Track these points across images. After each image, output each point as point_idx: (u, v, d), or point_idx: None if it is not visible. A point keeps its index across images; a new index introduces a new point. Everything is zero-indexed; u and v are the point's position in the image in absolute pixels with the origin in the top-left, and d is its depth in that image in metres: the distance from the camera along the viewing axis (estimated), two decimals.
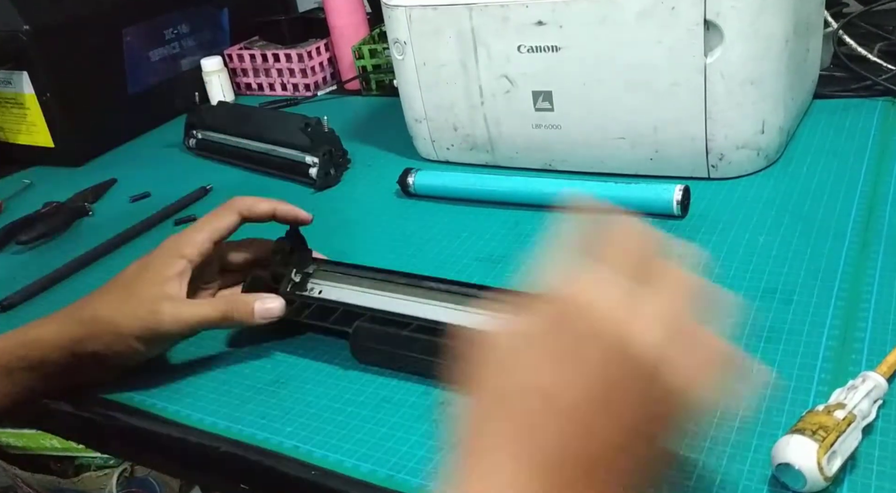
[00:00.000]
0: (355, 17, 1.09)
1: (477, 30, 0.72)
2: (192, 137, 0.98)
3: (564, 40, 0.68)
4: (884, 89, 0.78)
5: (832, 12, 0.87)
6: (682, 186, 0.64)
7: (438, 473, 0.40)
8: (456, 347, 0.32)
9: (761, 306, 0.53)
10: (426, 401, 0.50)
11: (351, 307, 0.55)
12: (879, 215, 0.60)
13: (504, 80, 0.73)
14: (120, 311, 0.52)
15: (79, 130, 1.00)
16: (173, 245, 0.55)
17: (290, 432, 0.49)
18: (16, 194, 0.96)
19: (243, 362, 0.56)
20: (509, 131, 0.76)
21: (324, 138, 0.82)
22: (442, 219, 0.72)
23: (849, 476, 0.39)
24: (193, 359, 0.58)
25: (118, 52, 1.03)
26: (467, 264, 0.63)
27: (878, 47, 0.86)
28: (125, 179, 0.94)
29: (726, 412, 0.42)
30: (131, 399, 0.54)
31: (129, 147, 1.06)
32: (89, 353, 0.52)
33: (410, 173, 0.76)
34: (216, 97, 1.10)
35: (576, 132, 0.72)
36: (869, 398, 0.41)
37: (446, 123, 0.79)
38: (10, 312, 0.69)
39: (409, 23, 0.76)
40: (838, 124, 0.76)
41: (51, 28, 0.94)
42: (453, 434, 0.31)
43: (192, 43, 1.15)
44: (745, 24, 0.63)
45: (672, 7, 0.63)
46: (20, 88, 0.97)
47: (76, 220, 0.85)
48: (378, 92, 1.08)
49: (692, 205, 0.66)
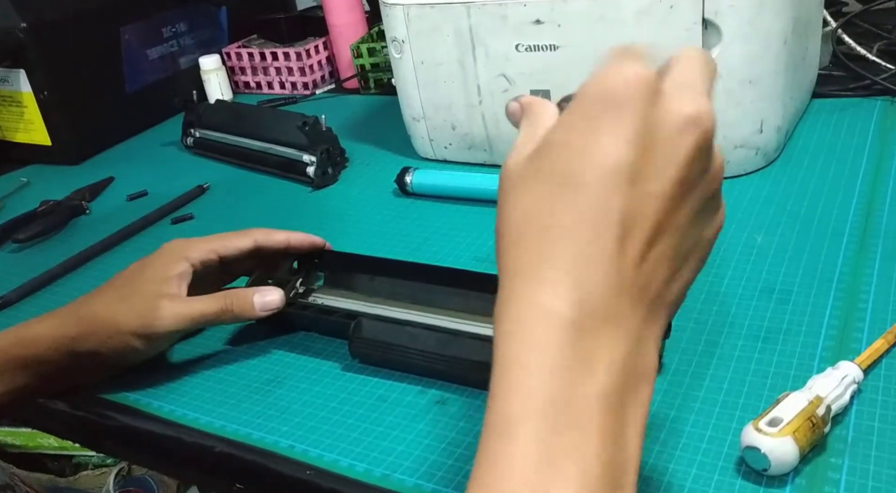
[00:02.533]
0: (354, 15, 1.09)
1: (475, 28, 0.72)
2: (189, 135, 0.98)
3: (562, 39, 0.68)
4: (882, 89, 0.78)
5: (831, 11, 0.87)
6: None
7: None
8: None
9: (759, 305, 0.52)
10: (422, 400, 0.49)
11: (351, 312, 0.55)
12: (878, 215, 0.60)
13: (502, 79, 0.73)
14: (118, 308, 0.51)
15: (76, 129, 1.00)
16: (177, 247, 0.55)
17: (286, 431, 0.49)
18: (13, 193, 0.96)
19: (239, 362, 0.56)
20: (507, 130, 0.76)
21: (322, 137, 0.82)
22: (440, 218, 0.72)
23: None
24: (189, 358, 0.57)
25: (116, 51, 1.03)
26: (465, 263, 0.63)
27: (876, 47, 0.86)
28: (122, 178, 0.94)
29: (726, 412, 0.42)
30: (127, 398, 0.54)
31: (127, 145, 1.06)
32: (86, 351, 0.51)
33: (408, 172, 0.76)
34: (214, 95, 1.10)
35: None
36: (842, 385, 0.42)
37: (444, 121, 0.79)
38: (7, 310, 0.69)
39: (408, 21, 0.76)
40: (837, 124, 0.76)
41: (48, 26, 0.94)
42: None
43: (190, 41, 1.14)
44: (744, 23, 0.62)
45: (670, 6, 0.63)
46: (17, 86, 0.97)
47: (73, 218, 0.85)
48: (376, 91, 1.08)
49: None
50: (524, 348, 0.27)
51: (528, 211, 0.29)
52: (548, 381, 0.26)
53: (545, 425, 0.26)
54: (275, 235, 0.58)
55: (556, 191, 0.29)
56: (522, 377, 0.27)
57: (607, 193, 0.28)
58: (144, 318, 0.51)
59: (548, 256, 0.28)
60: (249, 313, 0.53)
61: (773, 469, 0.39)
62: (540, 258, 0.28)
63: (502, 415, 0.27)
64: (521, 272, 0.29)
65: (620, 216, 0.28)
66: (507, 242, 0.30)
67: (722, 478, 0.40)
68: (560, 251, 0.28)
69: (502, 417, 0.27)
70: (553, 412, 0.26)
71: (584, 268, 0.27)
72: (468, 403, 0.49)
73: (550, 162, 0.30)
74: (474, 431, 0.46)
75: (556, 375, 0.26)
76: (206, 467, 0.50)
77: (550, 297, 0.27)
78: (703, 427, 0.44)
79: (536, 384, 0.26)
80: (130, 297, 0.52)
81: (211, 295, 0.53)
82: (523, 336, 0.27)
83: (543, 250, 0.28)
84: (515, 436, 0.26)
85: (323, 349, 0.56)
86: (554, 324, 0.27)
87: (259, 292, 0.53)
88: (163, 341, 0.54)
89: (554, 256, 0.28)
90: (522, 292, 0.28)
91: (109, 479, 1.21)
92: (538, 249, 0.28)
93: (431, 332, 0.51)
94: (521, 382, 0.27)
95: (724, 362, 0.48)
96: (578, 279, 0.27)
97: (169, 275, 0.53)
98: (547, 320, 0.27)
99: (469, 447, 0.45)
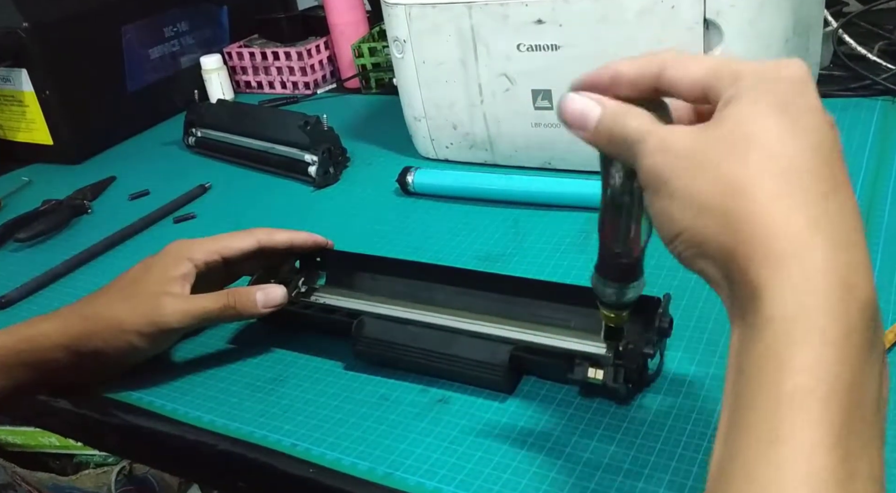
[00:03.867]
0: (355, 15, 1.09)
1: (476, 28, 0.72)
2: (191, 134, 0.98)
3: (564, 39, 0.68)
4: (883, 89, 0.78)
5: (832, 11, 0.87)
6: None
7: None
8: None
9: None
10: (424, 399, 0.50)
11: (353, 311, 0.55)
12: (878, 214, 0.60)
13: (503, 79, 0.73)
14: (122, 307, 0.52)
15: (78, 128, 1.00)
16: (181, 248, 0.55)
17: (289, 429, 0.49)
18: (15, 192, 0.96)
19: (242, 360, 0.56)
20: (509, 130, 0.76)
21: (323, 137, 0.82)
22: (441, 217, 0.72)
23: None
24: (192, 357, 0.58)
25: (118, 50, 1.03)
26: (466, 263, 0.63)
27: (877, 47, 0.86)
28: (124, 177, 0.94)
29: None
30: (130, 397, 0.54)
31: (129, 145, 1.06)
32: (90, 350, 0.52)
33: (409, 172, 0.76)
34: (215, 95, 1.10)
35: None
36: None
37: (446, 121, 0.79)
38: (9, 309, 0.69)
39: (409, 21, 0.76)
40: (838, 123, 0.75)
41: (50, 25, 0.94)
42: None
43: (191, 41, 1.14)
44: (745, 22, 0.63)
45: (672, 6, 0.63)
46: (19, 85, 0.97)
47: (75, 217, 0.85)
48: (377, 90, 1.08)
49: None
50: (803, 350, 0.26)
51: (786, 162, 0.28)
52: (836, 382, 0.26)
53: (843, 436, 0.25)
54: (277, 234, 0.58)
55: (803, 153, 0.29)
56: (800, 377, 0.26)
57: (829, 146, 0.29)
58: (148, 316, 0.51)
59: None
60: (252, 310, 0.53)
61: None
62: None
63: (767, 404, 0.26)
64: (777, 260, 0.27)
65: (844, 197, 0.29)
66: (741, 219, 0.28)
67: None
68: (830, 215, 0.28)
69: (768, 408, 0.26)
70: (850, 420, 0.25)
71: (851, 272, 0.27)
72: (470, 401, 0.49)
73: (762, 139, 0.29)
74: (476, 430, 0.47)
75: (847, 373, 0.26)
76: (208, 465, 0.51)
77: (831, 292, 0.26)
78: (706, 426, 0.44)
79: (825, 390, 0.25)
80: (134, 296, 0.52)
81: (214, 293, 0.53)
82: (802, 338, 0.26)
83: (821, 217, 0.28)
84: (809, 436, 0.25)
85: (325, 348, 0.56)
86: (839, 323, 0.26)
87: (262, 290, 0.54)
88: (166, 340, 0.54)
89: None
90: (788, 292, 0.27)
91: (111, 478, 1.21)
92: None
93: (433, 331, 0.51)
94: (795, 378, 0.26)
95: (726, 362, 0.48)
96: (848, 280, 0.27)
97: (173, 275, 0.53)
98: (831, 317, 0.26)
99: (470, 445, 0.45)
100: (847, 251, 0.27)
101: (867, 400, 0.26)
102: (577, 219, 0.67)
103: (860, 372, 0.26)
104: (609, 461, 0.43)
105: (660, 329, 0.46)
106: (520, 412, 0.47)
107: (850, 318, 0.26)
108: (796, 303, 0.26)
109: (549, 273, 0.60)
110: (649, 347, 0.45)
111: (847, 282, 0.27)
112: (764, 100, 0.30)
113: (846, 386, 0.25)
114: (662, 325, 0.47)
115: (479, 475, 0.43)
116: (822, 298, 0.26)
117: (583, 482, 0.42)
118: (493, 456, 0.44)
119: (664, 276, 0.57)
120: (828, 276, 0.27)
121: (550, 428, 0.46)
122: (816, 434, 0.25)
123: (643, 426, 0.45)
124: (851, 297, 0.26)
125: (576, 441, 0.44)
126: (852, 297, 0.26)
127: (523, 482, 0.42)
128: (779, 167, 0.28)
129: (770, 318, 0.27)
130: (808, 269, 0.27)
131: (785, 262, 0.27)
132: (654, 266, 0.58)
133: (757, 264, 0.27)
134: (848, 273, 0.27)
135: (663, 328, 0.47)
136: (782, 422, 0.25)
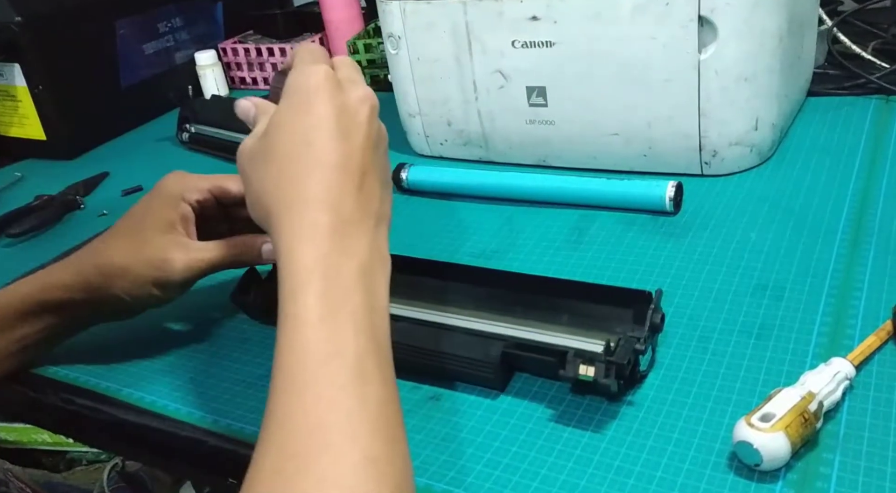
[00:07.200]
0: (350, 11, 1.09)
1: (471, 24, 0.72)
2: (185, 130, 0.98)
3: (559, 36, 0.68)
4: (877, 87, 0.78)
5: (826, 10, 0.87)
6: (674, 182, 0.64)
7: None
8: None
9: (752, 302, 0.53)
10: (415, 396, 0.50)
11: None
12: (871, 213, 0.60)
13: (498, 76, 0.73)
14: (134, 259, 0.52)
15: (71, 123, 1.00)
16: (174, 186, 0.55)
17: None
18: (7, 187, 0.95)
19: (232, 357, 0.56)
20: (503, 127, 0.76)
21: None
22: (435, 214, 0.72)
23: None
24: (183, 353, 0.57)
25: (111, 45, 1.03)
26: (460, 259, 0.63)
27: (872, 45, 0.86)
28: (117, 173, 0.94)
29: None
30: (120, 393, 0.54)
31: (122, 140, 1.05)
32: (108, 297, 0.53)
33: (404, 168, 0.76)
34: (210, 91, 1.10)
35: (569, 128, 0.72)
36: (834, 381, 0.42)
37: (440, 118, 0.79)
38: None
39: (404, 17, 0.76)
40: (832, 122, 0.76)
41: (43, 20, 0.94)
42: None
43: (185, 36, 1.14)
44: (740, 20, 0.63)
45: (666, 3, 0.63)
46: (12, 80, 0.96)
47: (67, 213, 0.85)
48: (372, 87, 1.07)
49: (685, 201, 0.66)
50: (304, 247, 0.38)
51: (282, 168, 0.41)
52: (321, 261, 0.38)
53: (324, 285, 0.37)
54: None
55: (296, 151, 0.41)
56: (304, 262, 0.38)
57: (329, 146, 0.41)
58: (159, 269, 0.52)
59: (305, 190, 0.40)
60: (257, 260, 0.54)
61: (765, 464, 0.39)
62: (300, 193, 0.40)
63: (290, 287, 0.38)
64: (289, 207, 0.40)
65: (342, 160, 0.41)
66: (271, 189, 0.42)
67: (714, 473, 0.40)
68: (313, 187, 0.40)
69: (290, 288, 0.38)
70: (329, 279, 0.38)
71: (330, 193, 0.40)
72: (461, 398, 0.49)
73: (282, 135, 0.42)
74: (468, 427, 0.46)
75: (328, 258, 0.38)
76: (201, 461, 0.50)
77: (316, 214, 0.39)
78: (696, 423, 0.44)
79: (314, 266, 0.38)
80: (144, 247, 0.53)
81: (220, 243, 0.54)
82: (302, 239, 0.39)
83: (301, 188, 0.40)
84: (304, 294, 0.37)
85: None
86: (321, 230, 0.39)
87: (267, 241, 0.54)
88: (180, 288, 0.55)
89: (309, 188, 0.40)
90: (296, 217, 0.40)
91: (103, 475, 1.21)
92: (297, 188, 0.40)
93: (424, 328, 0.51)
94: (302, 264, 0.38)
95: (717, 358, 0.48)
96: (329, 201, 0.40)
97: (173, 219, 0.53)
98: (316, 229, 0.39)
99: (463, 442, 0.45)
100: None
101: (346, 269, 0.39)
102: (571, 216, 0.67)
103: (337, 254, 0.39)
104: (600, 457, 0.43)
105: (652, 325, 0.46)
106: (511, 409, 0.47)
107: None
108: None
109: (543, 270, 0.60)
110: (641, 343, 0.45)
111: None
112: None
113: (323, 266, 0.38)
114: (654, 320, 0.47)
115: (471, 472, 0.43)
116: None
117: (574, 479, 0.42)
118: (484, 453, 0.44)
119: (657, 272, 0.57)
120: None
121: (542, 425, 0.46)
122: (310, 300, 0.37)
123: (634, 422, 0.45)
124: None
125: (567, 438, 0.44)
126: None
127: (514, 478, 0.42)
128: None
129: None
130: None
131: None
132: (647, 263, 0.58)
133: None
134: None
135: (655, 324, 0.47)
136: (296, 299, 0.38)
